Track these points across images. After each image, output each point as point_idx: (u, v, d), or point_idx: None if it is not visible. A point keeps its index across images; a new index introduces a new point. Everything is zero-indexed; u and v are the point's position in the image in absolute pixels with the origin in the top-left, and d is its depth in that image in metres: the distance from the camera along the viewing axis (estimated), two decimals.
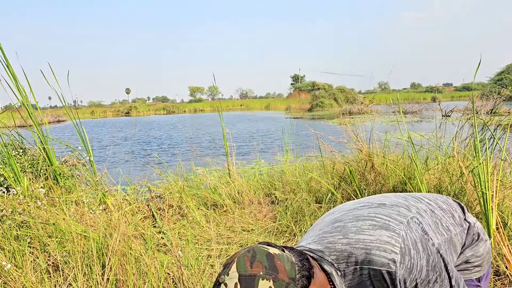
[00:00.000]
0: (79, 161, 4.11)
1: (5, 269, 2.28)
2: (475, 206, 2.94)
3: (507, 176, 3.47)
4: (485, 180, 2.54)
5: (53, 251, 2.59)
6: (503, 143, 3.00)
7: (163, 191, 4.36)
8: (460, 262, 1.15)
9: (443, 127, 4.22)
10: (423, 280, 0.91)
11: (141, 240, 2.97)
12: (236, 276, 0.78)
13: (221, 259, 2.98)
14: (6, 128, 4.17)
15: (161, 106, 65.73)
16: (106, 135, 20.15)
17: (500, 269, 2.41)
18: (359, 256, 0.91)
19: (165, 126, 25.33)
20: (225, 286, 0.78)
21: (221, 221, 3.76)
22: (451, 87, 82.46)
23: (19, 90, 3.87)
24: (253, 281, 0.76)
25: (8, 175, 3.35)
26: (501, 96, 4.70)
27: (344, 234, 0.96)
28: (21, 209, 2.82)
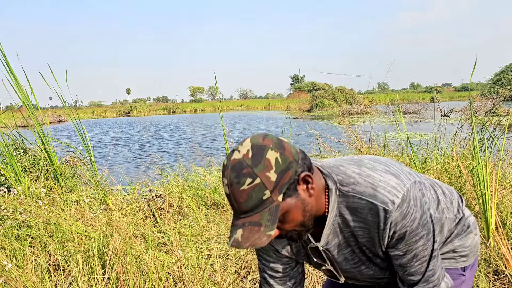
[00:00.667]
0: (80, 161, 4.12)
1: (6, 269, 2.29)
2: (474, 206, 2.95)
3: (506, 176, 3.48)
4: (484, 180, 2.55)
5: (54, 250, 2.60)
6: (502, 143, 3.01)
7: (164, 190, 4.37)
8: (447, 250, 1.18)
9: (442, 127, 4.23)
10: (413, 231, 0.95)
11: (142, 240, 2.98)
12: (249, 145, 0.88)
13: (221, 258, 2.99)
14: (7, 128, 4.18)
15: (161, 106, 65.71)
16: (106, 135, 20.16)
17: (499, 269, 2.42)
18: (364, 188, 0.96)
19: (166, 126, 25.35)
20: (238, 152, 0.88)
21: (222, 220, 3.77)
22: (450, 87, 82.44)
23: (20, 90, 3.88)
24: (263, 150, 0.87)
25: (9, 175, 3.36)
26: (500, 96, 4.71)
27: (359, 166, 1.02)
28: (22, 209, 2.83)
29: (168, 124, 27.68)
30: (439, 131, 4.18)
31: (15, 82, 3.85)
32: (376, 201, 0.94)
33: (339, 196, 0.99)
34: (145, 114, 56.93)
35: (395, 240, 0.97)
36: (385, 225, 0.95)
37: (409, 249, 0.98)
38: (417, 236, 0.97)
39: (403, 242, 0.97)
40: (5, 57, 3.78)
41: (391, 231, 0.95)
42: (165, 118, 41.29)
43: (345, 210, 0.99)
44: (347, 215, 1.00)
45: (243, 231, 0.86)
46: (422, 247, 0.99)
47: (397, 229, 0.95)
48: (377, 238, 0.98)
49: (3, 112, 4.06)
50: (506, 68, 33.03)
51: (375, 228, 0.97)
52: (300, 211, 0.92)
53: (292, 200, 0.90)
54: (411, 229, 0.95)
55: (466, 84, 64.20)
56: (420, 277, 1.02)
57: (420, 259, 1.00)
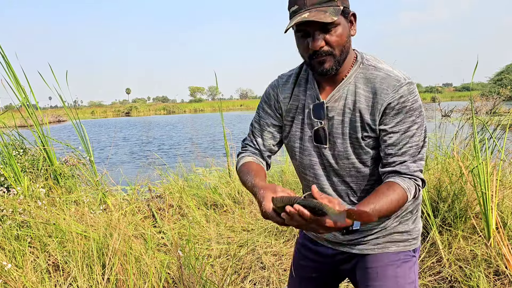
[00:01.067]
0: (79, 161, 4.11)
1: (6, 269, 2.29)
2: (474, 206, 2.94)
3: (506, 176, 3.47)
4: (485, 180, 2.54)
5: (53, 251, 2.59)
6: (502, 143, 3.01)
7: (163, 191, 4.36)
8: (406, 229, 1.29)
9: (443, 127, 4.23)
10: (412, 110, 1.10)
11: (142, 240, 2.97)
12: None
13: (221, 259, 2.99)
14: (6, 128, 4.18)
15: (161, 106, 65.75)
16: (105, 135, 20.14)
17: (500, 269, 2.42)
18: (384, 66, 1.15)
19: (165, 127, 25.34)
20: None
21: (221, 221, 3.76)
22: (450, 87, 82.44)
23: (19, 90, 3.88)
24: None
25: (9, 175, 3.36)
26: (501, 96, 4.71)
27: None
28: (21, 209, 2.83)
29: (168, 124, 27.68)
30: (439, 131, 4.18)
31: (15, 82, 3.84)
32: (391, 74, 1.12)
33: (360, 68, 1.16)
34: (144, 114, 56.92)
35: (394, 112, 1.09)
36: (393, 92, 1.09)
37: (405, 127, 1.10)
38: (414, 116, 1.10)
39: (401, 115, 1.09)
40: (5, 57, 3.77)
41: (393, 103, 1.09)
42: (165, 118, 41.28)
43: (360, 80, 1.14)
44: (359, 84, 1.14)
45: (309, 12, 1.03)
46: (416, 131, 1.11)
47: (400, 101, 1.09)
48: (378, 106, 1.11)
49: (3, 112, 4.05)
50: (506, 68, 33.04)
51: (381, 95, 1.10)
52: (345, 36, 1.09)
53: (344, 22, 1.09)
54: (412, 107, 1.10)
55: (466, 84, 64.14)
56: (411, 158, 1.11)
57: (413, 142, 1.11)
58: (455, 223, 2.92)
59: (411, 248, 1.29)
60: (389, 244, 1.27)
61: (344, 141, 1.17)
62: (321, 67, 1.11)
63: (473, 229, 2.86)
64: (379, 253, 1.27)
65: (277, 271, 2.77)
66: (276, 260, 2.95)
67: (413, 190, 1.09)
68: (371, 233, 1.27)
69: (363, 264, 1.28)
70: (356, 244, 1.29)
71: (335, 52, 1.09)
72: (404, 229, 1.28)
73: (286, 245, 3.20)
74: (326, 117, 1.18)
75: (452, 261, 2.60)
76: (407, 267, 1.27)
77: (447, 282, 2.47)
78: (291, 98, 1.26)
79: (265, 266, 2.85)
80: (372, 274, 1.26)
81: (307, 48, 1.10)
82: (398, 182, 1.08)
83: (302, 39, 1.11)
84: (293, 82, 1.27)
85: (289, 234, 3.37)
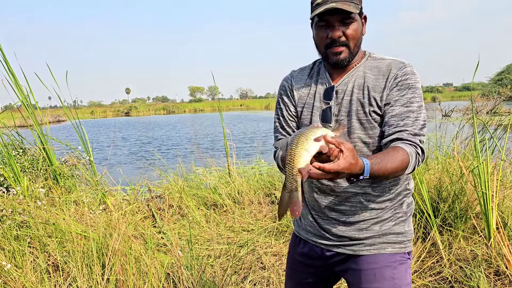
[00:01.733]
0: (79, 161, 4.11)
1: (5, 269, 2.28)
2: (475, 206, 2.94)
3: (507, 176, 3.47)
4: (485, 180, 2.54)
5: (53, 251, 2.59)
6: (503, 143, 3.00)
7: (163, 191, 4.36)
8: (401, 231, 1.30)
9: (443, 127, 4.22)
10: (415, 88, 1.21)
11: (141, 240, 2.96)
12: None
13: (221, 259, 2.98)
14: (6, 128, 4.17)
15: (161, 106, 65.75)
16: (105, 135, 20.13)
17: (500, 269, 2.41)
18: (388, 58, 1.28)
19: (165, 127, 25.34)
20: None
21: (221, 221, 3.76)
22: (451, 87, 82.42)
23: (19, 90, 3.87)
24: None
25: (8, 175, 3.35)
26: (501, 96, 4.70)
27: None
28: (21, 209, 2.82)
29: (168, 124, 27.67)
30: (440, 131, 4.17)
31: (15, 82, 3.84)
32: (396, 59, 1.26)
33: (368, 60, 1.30)
34: (144, 114, 56.91)
35: (398, 87, 1.20)
36: (398, 70, 1.22)
37: (407, 101, 1.19)
38: (416, 94, 1.20)
39: (404, 91, 1.20)
40: (4, 57, 3.76)
41: (398, 78, 1.20)
42: (164, 118, 41.28)
43: (368, 67, 1.27)
44: (368, 69, 1.27)
45: (335, 3, 1.16)
46: (417, 109, 1.19)
47: (403, 78, 1.21)
48: (385, 83, 1.22)
49: (2, 111, 4.04)
50: (507, 68, 33.02)
51: (388, 74, 1.22)
52: (359, 32, 1.24)
53: (359, 20, 1.23)
54: (414, 85, 1.21)
55: (467, 84, 64.10)
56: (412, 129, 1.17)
57: (414, 117, 1.18)
58: (455, 223, 2.91)
59: (406, 250, 1.31)
60: (385, 245, 1.28)
61: (351, 118, 1.25)
62: (335, 57, 1.23)
63: (474, 229, 2.86)
64: (374, 254, 1.28)
65: (277, 271, 2.76)
66: (276, 260, 2.95)
67: (414, 156, 1.13)
68: (368, 230, 1.28)
69: (359, 266, 1.29)
70: (351, 244, 1.29)
71: (350, 44, 1.22)
72: (399, 231, 1.30)
73: (286, 245, 3.20)
74: (334, 99, 1.27)
75: (453, 261, 2.60)
76: (403, 269, 1.28)
77: (447, 282, 2.47)
78: (304, 87, 1.37)
79: (265, 267, 2.84)
80: (369, 276, 1.26)
81: (325, 38, 1.22)
82: (400, 145, 1.13)
83: (322, 29, 1.22)
84: (307, 74, 1.38)
85: (289, 234, 3.37)
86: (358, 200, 1.27)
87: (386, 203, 1.28)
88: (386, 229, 1.28)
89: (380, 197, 1.27)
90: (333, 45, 1.22)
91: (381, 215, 1.28)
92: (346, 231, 1.29)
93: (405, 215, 1.31)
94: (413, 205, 1.36)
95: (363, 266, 1.28)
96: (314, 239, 1.37)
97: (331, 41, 1.21)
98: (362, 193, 1.26)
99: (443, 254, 2.66)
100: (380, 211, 1.28)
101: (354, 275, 1.30)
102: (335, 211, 1.31)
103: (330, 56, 1.24)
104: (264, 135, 15.90)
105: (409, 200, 1.34)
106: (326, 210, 1.32)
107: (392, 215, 1.29)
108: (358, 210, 1.28)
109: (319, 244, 1.36)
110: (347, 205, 1.29)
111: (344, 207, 1.29)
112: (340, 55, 1.22)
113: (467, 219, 2.92)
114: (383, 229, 1.28)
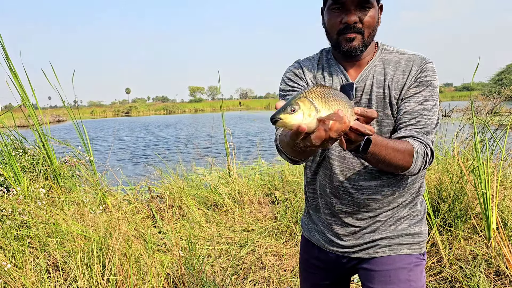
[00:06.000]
0: (79, 161, 4.11)
1: (5, 269, 2.28)
2: (475, 206, 2.94)
3: (507, 176, 3.47)
4: (485, 180, 2.54)
5: (53, 251, 2.58)
6: (503, 143, 3.00)
7: (163, 191, 4.36)
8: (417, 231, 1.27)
9: (444, 127, 4.22)
10: (433, 87, 1.15)
11: (141, 240, 2.96)
12: None
13: (221, 259, 2.98)
14: (6, 128, 4.17)
15: (161, 106, 65.75)
16: (105, 135, 20.13)
17: (500, 269, 2.41)
18: (405, 51, 1.21)
19: (165, 127, 25.32)
20: None
21: (221, 221, 3.76)
22: (451, 87, 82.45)
23: (21, 90, 3.87)
24: None
25: (8, 175, 3.35)
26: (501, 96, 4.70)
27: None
28: (21, 209, 2.82)
29: (168, 124, 27.66)
30: (440, 131, 4.17)
31: (17, 81, 3.83)
32: (416, 54, 1.19)
33: (383, 52, 1.22)
34: (144, 114, 56.90)
35: (416, 84, 1.14)
36: (419, 67, 1.15)
37: (422, 99, 1.13)
38: (432, 93, 1.15)
39: (421, 87, 1.14)
40: (7, 56, 3.76)
41: (418, 75, 1.14)
42: (164, 118, 41.26)
43: (386, 61, 1.20)
44: (386, 65, 1.19)
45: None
46: (432, 108, 1.14)
47: (423, 75, 1.15)
48: (404, 81, 1.15)
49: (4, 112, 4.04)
50: (507, 68, 32.98)
51: (408, 72, 1.15)
52: (375, 20, 1.15)
53: (377, 8, 1.15)
54: (432, 83, 1.15)
55: (467, 83, 64.13)
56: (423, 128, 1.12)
57: (427, 116, 1.13)
58: (455, 223, 2.91)
59: (421, 251, 1.27)
60: (400, 246, 1.24)
61: None
62: (348, 44, 1.14)
63: (474, 229, 2.86)
64: (390, 255, 1.24)
65: (277, 272, 2.76)
66: (276, 261, 2.95)
67: (421, 154, 1.07)
68: (384, 231, 1.24)
69: (373, 266, 1.25)
70: (367, 248, 1.26)
71: (365, 32, 1.13)
72: (415, 231, 1.26)
73: (286, 245, 3.20)
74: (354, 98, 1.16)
75: (453, 261, 2.60)
76: (419, 271, 1.24)
77: (447, 282, 2.47)
78: (315, 76, 1.26)
79: (265, 267, 2.84)
80: (384, 277, 1.22)
81: (338, 23, 1.13)
82: (408, 140, 1.09)
83: (336, 13, 1.13)
84: (315, 65, 1.28)
85: (289, 234, 3.37)
86: (377, 206, 1.23)
87: (404, 203, 1.24)
88: (402, 230, 1.24)
89: (400, 198, 1.23)
90: (346, 31, 1.13)
91: (398, 214, 1.25)
92: (362, 237, 1.25)
93: (420, 214, 1.28)
94: (425, 203, 1.33)
95: (377, 267, 1.24)
96: (328, 246, 1.32)
97: (345, 26, 1.12)
98: (381, 197, 1.22)
99: (443, 254, 2.66)
100: (397, 209, 1.24)
101: (368, 275, 1.26)
102: (352, 217, 1.25)
103: (342, 43, 1.15)
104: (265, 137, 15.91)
105: (421, 198, 1.31)
106: (342, 215, 1.26)
107: (409, 214, 1.26)
108: (376, 215, 1.23)
109: (334, 251, 1.31)
110: (365, 210, 1.24)
111: (361, 215, 1.24)
112: (352, 42, 1.13)
113: (467, 219, 2.92)
114: (399, 229, 1.24)
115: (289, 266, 2.86)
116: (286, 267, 2.85)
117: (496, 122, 3.57)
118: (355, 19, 1.11)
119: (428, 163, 1.12)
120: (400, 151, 1.03)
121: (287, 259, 2.95)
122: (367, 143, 0.94)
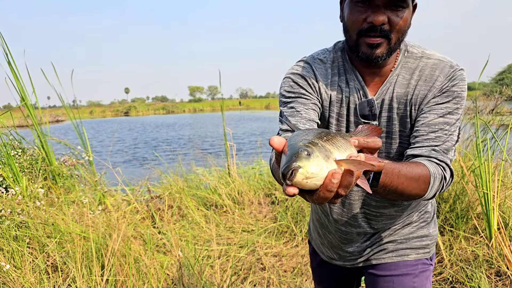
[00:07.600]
0: (78, 161, 4.09)
1: (4, 270, 2.27)
2: (476, 206, 2.93)
3: (508, 176, 3.46)
4: (487, 180, 2.53)
5: (52, 251, 2.57)
6: (504, 143, 2.99)
7: (163, 191, 4.35)
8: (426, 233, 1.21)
9: None
10: (459, 99, 0.98)
11: (141, 241, 2.95)
12: None
13: (221, 260, 2.97)
14: (5, 128, 4.16)
15: (160, 105, 65.77)
16: (105, 135, 20.12)
17: (502, 270, 2.40)
18: (433, 52, 1.03)
19: (165, 127, 25.32)
20: None
21: (221, 221, 3.74)
22: None
23: (21, 89, 3.86)
24: None
25: (7, 175, 3.34)
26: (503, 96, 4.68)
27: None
28: (20, 209, 2.81)
29: (167, 124, 27.66)
30: None
31: (17, 81, 3.82)
32: (444, 60, 1.01)
33: (405, 56, 1.03)
34: (143, 113, 56.91)
35: (441, 93, 0.98)
36: (445, 77, 0.98)
37: (445, 111, 0.97)
38: (458, 105, 0.98)
39: (446, 98, 0.97)
40: (9, 56, 3.75)
41: (443, 86, 0.97)
42: (164, 118, 41.25)
43: (408, 70, 1.02)
44: (407, 75, 1.02)
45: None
46: (455, 123, 0.98)
47: (450, 85, 0.97)
48: (425, 93, 0.98)
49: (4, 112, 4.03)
50: (508, 68, 32.97)
51: (432, 83, 0.98)
52: (407, 23, 0.96)
53: (411, 9, 0.95)
54: (459, 94, 0.98)
55: (468, 83, 64.29)
56: (443, 145, 0.96)
57: (448, 131, 0.97)
58: (456, 224, 2.90)
59: (429, 255, 1.22)
60: (408, 251, 1.19)
61: (389, 139, 1.04)
62: (370, 50, 0.94)
63: (475, 229, 2.85)
64: (396, 261, 1.19)
65: (277, 272, 2.75)
66: (276, 261, 2.94)
67: (438, 180, 0.91)
68: (391, 235, 1.20)
69: (377, 271, 1.22)
70: (373, 254, 1.23)
71: (392, 37, 0.94)
72: (424, 233, 1.20)
73: (286, 246, 3.19)
74: (371, 117, 1.02)
75: (454, 262, 2.59)
76: (424, 277, 1.19)
77: (448, 283, 2.46)
78: (330, 85, 1.06)
79: (265, 267, 2.83)
80: (388, 283, 1.18)
81: (361, 21, 0.93)
82: (424, 163, 0.91)
83: (361, 9, 0.92)
84: (329, 67, 1.07)
85: (289, 235, 3.36)
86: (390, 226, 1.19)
87: (414, 208, 1.18)
88: (410, 233, 1.19)
89: (410, 206, 1.17)
90: (370, 33, 0.92)
91: (408, 220, 1.19)
92: (372, 250, 1.22)
93: (430, 215, 1.22)
94: (435, 202, 1.26)
95: (381, 271, 1.20)
96: (337, 262, 1.30)
97: (370, 27, 0.92)
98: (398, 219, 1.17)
99: (444, 255, 2.65)
100: (407, 217, 1.19)
101: (372, 280, 1.23)
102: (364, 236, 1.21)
103: (362, 47, 0.95)
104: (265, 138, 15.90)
105: (433, 200, 1.25)
106: (353, 236, 1.22)
107: (419, 218, 1.20)
108: (386, 226, 1.19)
109: (342, 264, 1.30)
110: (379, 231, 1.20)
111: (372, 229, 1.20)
112: (376, 49, 0.93)
113: (468, 220, 2.91)
114: (407, 232, 1.19)
115: (289, 267, 2.85)
116: (286, 268, 2.84)
117: (498, 122, 3.56)
118: (383, 20, 0.90)
119: (446, 187, 0.95)
120: (414, 179, 0.86)
121: (287, 260, 2.94)
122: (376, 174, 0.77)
